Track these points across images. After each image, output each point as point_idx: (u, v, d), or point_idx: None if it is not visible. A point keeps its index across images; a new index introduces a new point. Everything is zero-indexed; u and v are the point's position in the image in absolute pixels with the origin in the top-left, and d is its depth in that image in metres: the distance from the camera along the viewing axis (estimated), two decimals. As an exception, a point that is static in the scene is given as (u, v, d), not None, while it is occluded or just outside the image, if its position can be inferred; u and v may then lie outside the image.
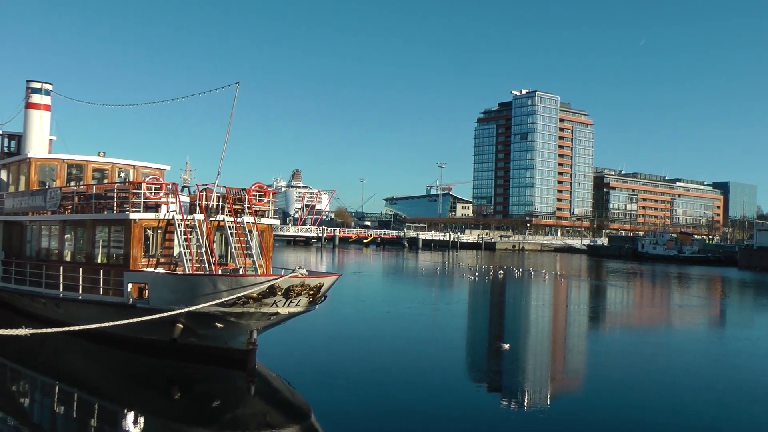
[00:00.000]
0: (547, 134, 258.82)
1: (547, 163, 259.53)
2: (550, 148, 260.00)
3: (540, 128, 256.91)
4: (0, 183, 37.48)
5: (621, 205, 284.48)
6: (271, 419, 18.28)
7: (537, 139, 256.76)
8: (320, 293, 21.47)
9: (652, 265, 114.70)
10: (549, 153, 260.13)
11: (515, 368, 25.17)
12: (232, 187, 27.13)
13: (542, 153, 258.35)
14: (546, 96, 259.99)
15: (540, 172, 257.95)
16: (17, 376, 22.84)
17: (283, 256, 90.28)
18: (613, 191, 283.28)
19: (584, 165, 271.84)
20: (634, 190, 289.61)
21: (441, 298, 52.60)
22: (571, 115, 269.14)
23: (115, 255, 26.04)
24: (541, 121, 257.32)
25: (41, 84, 36.74)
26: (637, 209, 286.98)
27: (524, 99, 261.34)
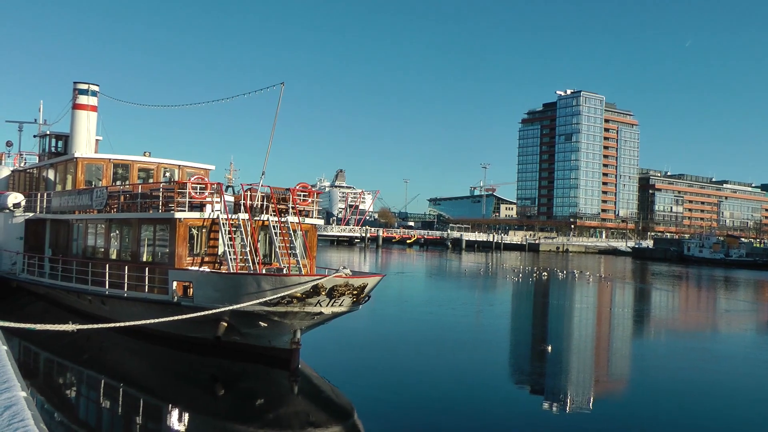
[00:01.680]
0: (591, 135, 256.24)
1: (591, 164, 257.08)
2: (594, 148, 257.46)
3: (585, 129, 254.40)
4: (47, 182, 38.01)
5: (666, 207, 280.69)
6: (315, 418, 18.27)
7: (582, 139, 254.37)
8: (364, 293, 21.41)
9: (698, 269, 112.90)
10: (594, 154, 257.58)
11: (558, 371, 24.92)
12: (277, 187, 27.20)
13: (587, 154, 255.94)
14: (591, 96, 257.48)
15: (584, 173, 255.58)
16: (64, 371, 23.12)
17: (327, 256, 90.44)
18: (659, 193, 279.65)
19: (629, 166, 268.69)
20: (680, 191, 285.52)
21: (484, 300, 52.30)
22: (616, 115, 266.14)
23: (160, 253, 26.24)
24: (585, 122, 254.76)
25: (88, 85, 37.21)
26: (683, 211, 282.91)
27: (569, 99, 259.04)
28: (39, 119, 50.08)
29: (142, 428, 17.27)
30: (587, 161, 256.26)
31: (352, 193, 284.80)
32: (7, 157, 57.49)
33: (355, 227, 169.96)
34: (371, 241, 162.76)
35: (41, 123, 48.92)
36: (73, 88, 37.50)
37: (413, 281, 66.17)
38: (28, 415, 7.70)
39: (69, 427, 16.10)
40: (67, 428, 15.83)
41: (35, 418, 7.65)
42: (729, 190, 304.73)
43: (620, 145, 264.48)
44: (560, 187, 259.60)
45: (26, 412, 7.81)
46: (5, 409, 7.97)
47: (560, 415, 19.19)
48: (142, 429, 17.23)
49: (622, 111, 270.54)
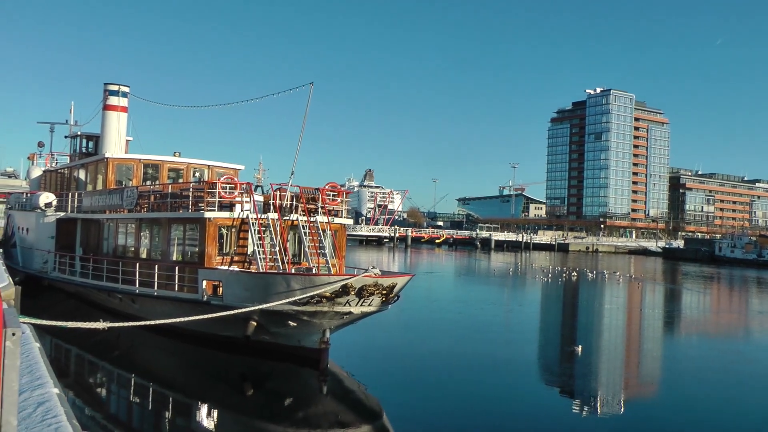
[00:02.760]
0: (621, 133, 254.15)
1: (621, 163, 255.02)
2: (624, 147, 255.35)
3: (614, 127, 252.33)
4: (78, 182, 38.37)
5: (697, 206, 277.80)
6: (343, 418, 18.25)
7: (611, 138, 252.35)
8: (393, 293, 21.36)
9: (729, 269, 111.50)
10: (623, 153, 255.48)
11: (588, 372, 24.75)
12: (306, 187, 27.25)
13: (617, 153, 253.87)
14: (620, 94, 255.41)
15: (614, 172, 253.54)
16: (95, 368, 23.32)
17: (356, 256, 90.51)
18: (690, 192, 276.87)
19: (659, 165, 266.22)
20: (711, 191, 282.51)
21: (513, 300, 52.12)
22: (646, 113, 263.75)
23: (190, 253, 26.38)
24: (615, 120, 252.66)
25: (118, 87, 37.58)
26: (714, 211, 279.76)
27: (598, 98, 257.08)
28: (70, 120, 50.61)
29: (171, 425, 17.39)
30: (617, 160, 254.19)
31: (381, 192, 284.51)
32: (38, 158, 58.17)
33: (384, 227, 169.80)
34: (400, 240, 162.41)
35: (72, 124, 49.42)
36: (103, 90, 37.89)
37: (442, 281, 66.09)
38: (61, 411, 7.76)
39: (100, 422, 16.21)
40: (98, 424, 15.94)
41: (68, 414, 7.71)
42: (762, 189, 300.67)
43: (650, 144, 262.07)
44: (590, 187, 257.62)
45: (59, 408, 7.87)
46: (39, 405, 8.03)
47: (590, 417, 19.03)
48: (172, 426, 17.35)
49: (652, 109, 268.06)
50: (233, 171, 34.52)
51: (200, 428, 17.09)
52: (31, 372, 9.50)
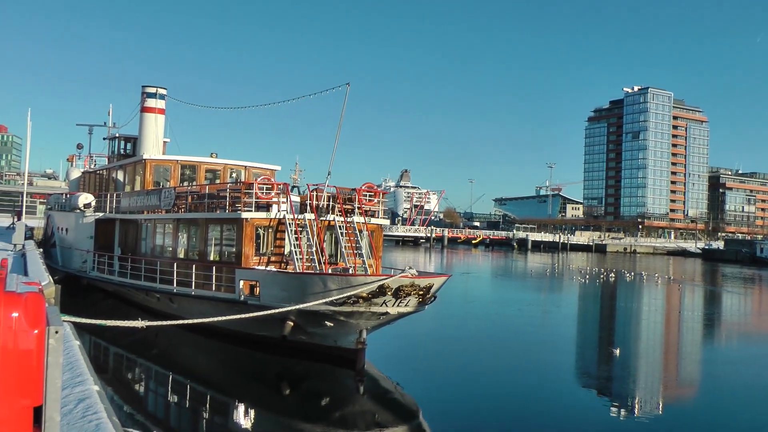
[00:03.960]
0: (659, 132, 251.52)
1: (659, 162, 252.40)
2: (663, 146, 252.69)
3: (652, 126, 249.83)
4: (117, 183, 38.78)
5: (738, 206, 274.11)
6: (380, 418, 18.25)
7: (649, 137, 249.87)
8: (430, 293, 21.29)
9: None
10: (662, 152, 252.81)
11: (626, 375, 24.49)
12: (342, 187, 27.28)
13: (655, 152, 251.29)
14: (659, 92, 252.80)
15: (652, 171, 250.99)
16: (133, 366, 23.59)
17: (392, 256, 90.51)
18: (730, 192, 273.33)
19: (699, 164, 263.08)
20: (752, 190, 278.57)
21: (550, 301, 51.82)
22: (684, 111, 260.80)
23: (227, 253, 26.52)
24: (653, 119, 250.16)
25: (156, 89, 37.98)
26: (755, 211, 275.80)
27: (636, 96, 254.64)
28: (108, 122, 51.15)
29: (208, 424, 17.51)
30: (655, 160, 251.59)
31: (417, 193, 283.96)
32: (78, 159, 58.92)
33: (421, 227, 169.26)
34: (436, 241, 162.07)
35: (111, 126, 49.94)
36: (141, 92, 38.32)
37: (479, 282, 65.90)
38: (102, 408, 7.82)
39: (138, 420, 16.33)
40: (136, 421, 16.06)
41: (108, 411, 7.77)
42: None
43: (689, 143, 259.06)
44: (627, 187, 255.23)
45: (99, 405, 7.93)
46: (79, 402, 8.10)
47: (628, 419, 18.82)
48: (209, 425, 17.46)
49: (691, 107, 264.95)
50: (270, 172, 34.66)
51: (237, 427, 17.17)
52: (72, 369, 9.59)
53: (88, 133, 58.48)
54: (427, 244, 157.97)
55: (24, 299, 4.19)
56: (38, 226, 59.84)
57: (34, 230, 55.43)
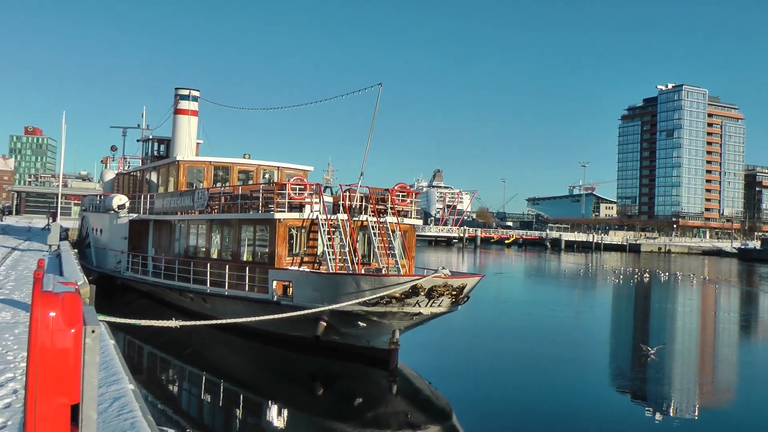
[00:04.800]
0: (694, 130, 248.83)
1: (694, 161, 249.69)
2: (697, 144, 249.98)
3: (687, 124, 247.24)
4: (150, 184, 39.07)
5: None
6: (413, 419, 18.21)
7: (684, 135, 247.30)
8: (463, 294, 21.20)
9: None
10: (697, 150, 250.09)
11: (661, 376, 24.16)
12: (375, 188, 27.26)
13: (689, 150, 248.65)
14: (693, 90, 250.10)
15: (687, 170, 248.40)
16: (167, 365, 23.80)
17: (425, 257, 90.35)
18: (767, 190, 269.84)
19: (734, 162, 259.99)
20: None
21: (584, 301, 51.46)
22: (720, 109, 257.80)
23: (260, 253, 26.61)
24: (688, 117, 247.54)
25: (189, 91, 38.21)
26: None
27: (670, 94, 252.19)
28: (142, 124, 51.64)
29: (242, 423, 17.59)
30: (690, 158, 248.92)
31: (450, 193, 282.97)
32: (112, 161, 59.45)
33: (453, 227, 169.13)
34: (469, 241, 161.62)
35: (144, 128, 50.40)
36: (174, 94, 38.56)
37: (512, 282, 65.60)
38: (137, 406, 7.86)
39: (172, 419, 16.44)
40: (170, 420, 16.16)
41: (143, 410, 7.80)
42: None
43: (724, 141, 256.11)
44: (662, 186, 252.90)
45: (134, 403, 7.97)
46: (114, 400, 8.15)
47: (663, 422, 18.57)
48: (243, 424, 17.54)
49: (727, 105, 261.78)
50: (303, 172, 34.73)
51: (271, 427, 17.22)
52: (107, 368, 9.66)
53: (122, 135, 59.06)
54: (459, 245, 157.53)
55: (61, 299, 4.21)
56: (73, 227, 60.49)
57: (69, 231, 56.06)
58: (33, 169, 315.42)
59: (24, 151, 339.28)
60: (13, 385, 9.36)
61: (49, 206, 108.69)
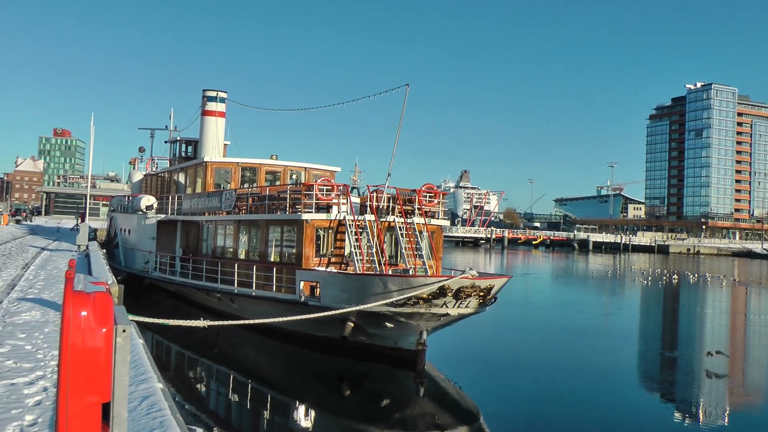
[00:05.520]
0: (723, 130, 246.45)
1: (723, 160, 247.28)
2: (727, 144, 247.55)
3: (716, 123, 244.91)
4: (178, 185, 39.33)
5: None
6: (440, 420, 18.17)
7: (713, 135, 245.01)
8: (490, 295, 21.12)
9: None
10: (726, 150, 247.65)
11: (690, 379, 23.90)
12: (402, 188, 27.26)
13: (719, 150, 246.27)
14: (722, 89, 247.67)
15: (716, 170, 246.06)
16: (194, 365, 23.93)
17: (452, 258, 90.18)
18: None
19: (765, 162, 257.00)
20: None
21: (612, 303, 51.09)
22: (750, 108, 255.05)
23: (288, 254, 26.67)
24: (717, 116, 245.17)
25: (216, 92, 38.45)
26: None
27: (699, 93, 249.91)
28: (170, 126, 52.07)
29: (269, 423, 17.62)
30: (719, 158, 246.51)
31: (477, 193, 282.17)
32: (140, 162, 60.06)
33: (480, 228, 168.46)
34: (496, 242, 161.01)
35: (172, 129, 50.81)
36: (202, 96, 38.81)
37: (539, 283, 65.32)
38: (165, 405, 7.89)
39: (200, 418, 16.51)
40: (198, 419, 16.24)
41: (171, 409, 7.84)
42: None
43: (755, 140, 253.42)
44: (690, 186, 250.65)
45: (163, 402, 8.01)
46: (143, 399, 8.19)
47: (692, 427, 18.39)
48: (270, 424, 17.57)
49: (757, 103, 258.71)
50: (330, 173, 34.80)
51: (298, 427, 17.24)
52: (136, 367, 9.72)
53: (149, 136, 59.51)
54: (487, 245, 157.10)
55: (92, 298, 4.23)
56: (101, 228, 61.02)
57: (98, 231, 56.58)
58: (62, 170, 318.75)
59: (53, 153, 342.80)
60: (44, 383, 9.43)
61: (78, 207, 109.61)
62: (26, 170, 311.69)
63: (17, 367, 10.24)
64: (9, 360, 10.70)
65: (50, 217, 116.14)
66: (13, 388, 9.16)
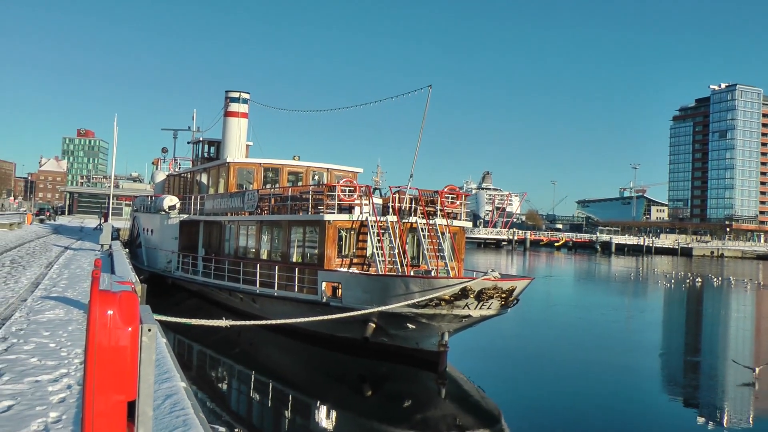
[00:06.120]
0: (748, 131, 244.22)
1: (748, 162, 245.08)
2: (752, 146, 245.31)
3: (741, 125, 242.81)
4: (201, 186, 39.51)
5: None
6: (462, 422, 18.16)
7: (737, 136, 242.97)
8: (513, 296, 21.04)
9: None
10: (751, 151, 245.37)
11: (714, 384, 23.71)
12: (425, 189, 27.23)
13: (743, 151, 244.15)
14: (747, 89, 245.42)
15: (741, 172, 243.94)
16: (216, 364, 24.04)
17: (474, 259, 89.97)
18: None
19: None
20: None
21: (635, 306, 50.78)
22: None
23: (310, 254, 26.71)
24: (742, 117, 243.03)
25: (239, 93, 38.61)
26: None
27: (723, 93, 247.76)
28: (192, 126, 52.35)
29: (290, 423, 17.64)
30: (744, 159, 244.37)
31: (499, 195, 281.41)
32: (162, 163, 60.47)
33: (502, 230, 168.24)
34: (518, 243, 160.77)
35: (194, 130, 51.04)
36: (225, 97, 38.97)
37: (561, 285, 65.08)
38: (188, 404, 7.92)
39: (221, 417, 16.56)
40: (219, 418, 16.28)
41: (194, 408, 7.87)
42: None
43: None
44: (714, 188, 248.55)
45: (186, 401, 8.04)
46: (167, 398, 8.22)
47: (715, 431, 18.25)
48: (291, 424, 17.60)
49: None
50: (352, 174, 34.81)
51: (319, 428, 17.27)
52: (159, 366, 9.76)
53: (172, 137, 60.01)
54: (509, 247, 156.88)
55: (118, 298, 4.26)
56: (124, 227, 61.48)
57: (120, 231, 56.96)
58: (85, 170, 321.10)
59: (76, 153, 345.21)
60: (67, 380, 9.50)
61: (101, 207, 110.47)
62: (50, 170, 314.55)
63: (41, 365, 10.33)
64: (33, 357, 10.79)
65: (73, 216, 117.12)
66: (37, 385, 9.23)
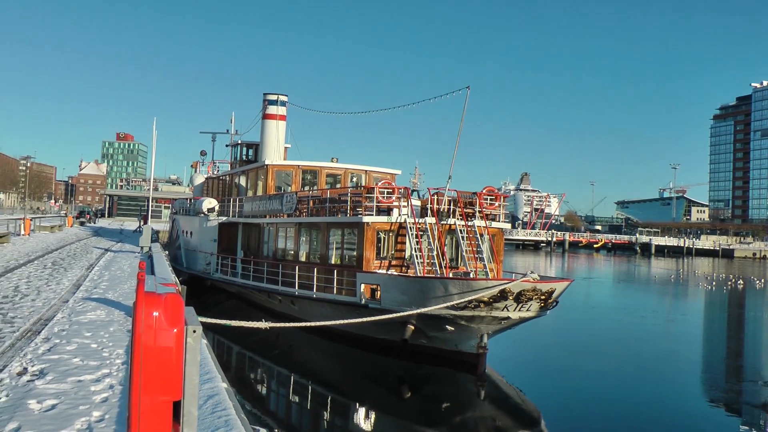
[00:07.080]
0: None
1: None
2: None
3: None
4: (239, 188, 39.72)
5: None
6: (501, 423, 18.09)
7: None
8: (552, 298, 20.90)
9: None
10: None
11: (757, 389, 23.30)
12: (463, 191, 27.14)
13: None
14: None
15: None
16: (255, 365, 24.16)
17: (513, 261, 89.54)
18: None
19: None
20: None
21: (675, 309, 50.16)
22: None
23: (348, 256, 26.74)
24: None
25: (277, 96, 38.78)
26: None
27: (765, 91, 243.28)
28: (231, 129, 52.73)
29: (330, 425, 17.66)
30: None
31: (538, 196, 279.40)
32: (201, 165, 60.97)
33: (541, 231, 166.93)
34: (557, 245, 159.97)
35: (233, 133, 51.39)
36: (263, 99, 39.14)
37: (601, 287, 64.51)
38: (230, 405, 7.95)
39: (261, 418, 16.64)
40: (258, 419, 16.35)
41: (236, 408, 7.89)
42: None
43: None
44: (756, 188, 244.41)
45: (228, 402, 8.07)
46: (209, 398, 8.25)
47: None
48: (330, 425, 17.62)
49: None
50: (390, 176, 34.84)
51: (358, 429, 17.24)
52: (201, 367, 9.77)
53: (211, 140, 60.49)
54: (547, 248, 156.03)
55: (163, 299, 4.26)
56: (163, 230, 61.94)
57: (160, 233, 57.42)
58: (124, 173, 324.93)
59: (116, 156, 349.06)
60: (110, 380, 9.56)
61: (140, 209, 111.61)
62: (90, 173, 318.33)
63: (84, 365, 10.41)
64: (76, 357, 10.89)
65: (113, 219, 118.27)
66: (80, 384, 9.30)
